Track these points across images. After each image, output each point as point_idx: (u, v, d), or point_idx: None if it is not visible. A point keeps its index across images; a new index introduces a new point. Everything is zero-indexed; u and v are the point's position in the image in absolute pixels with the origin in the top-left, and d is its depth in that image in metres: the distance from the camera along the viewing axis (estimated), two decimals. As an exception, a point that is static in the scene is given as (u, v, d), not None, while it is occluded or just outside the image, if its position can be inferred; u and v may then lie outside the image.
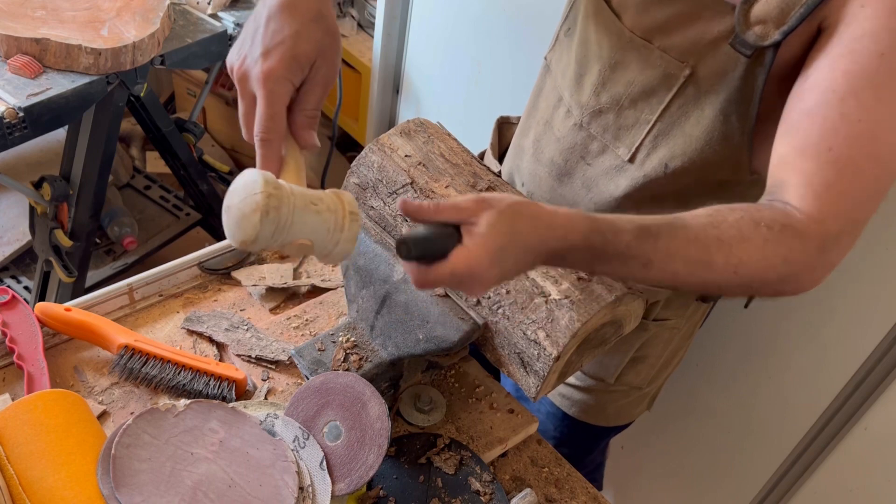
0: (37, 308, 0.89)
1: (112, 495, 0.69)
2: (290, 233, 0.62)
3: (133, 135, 2.39)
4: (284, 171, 0.68)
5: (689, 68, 0.78)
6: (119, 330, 0.90)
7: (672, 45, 0.79)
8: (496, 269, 0.65)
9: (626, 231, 0.68)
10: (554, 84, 0.96)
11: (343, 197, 0.66)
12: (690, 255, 0.69)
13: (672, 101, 0.81)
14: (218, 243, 1.06)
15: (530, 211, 0.67)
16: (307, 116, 0.70)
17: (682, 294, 1.00)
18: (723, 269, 0.69)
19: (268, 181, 0.60)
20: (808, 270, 0.71)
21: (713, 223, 0.70)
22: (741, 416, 1.36)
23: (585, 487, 0.87)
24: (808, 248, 0.70)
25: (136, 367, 0.87)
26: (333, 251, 0.65)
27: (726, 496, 1.45)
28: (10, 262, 2.06)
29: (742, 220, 0.70)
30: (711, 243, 0.69)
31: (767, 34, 0.71)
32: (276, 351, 0.94)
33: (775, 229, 0.69)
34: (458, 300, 0.83)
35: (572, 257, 0.69)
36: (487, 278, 0.65)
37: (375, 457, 0.76)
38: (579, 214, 0.68)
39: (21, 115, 1.36)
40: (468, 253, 0.64)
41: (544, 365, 0.77)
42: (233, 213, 0.60)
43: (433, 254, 0.64)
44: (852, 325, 1.14)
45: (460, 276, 0.64)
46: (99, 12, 1.54)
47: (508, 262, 0.66)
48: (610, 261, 0.69)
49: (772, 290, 0.73)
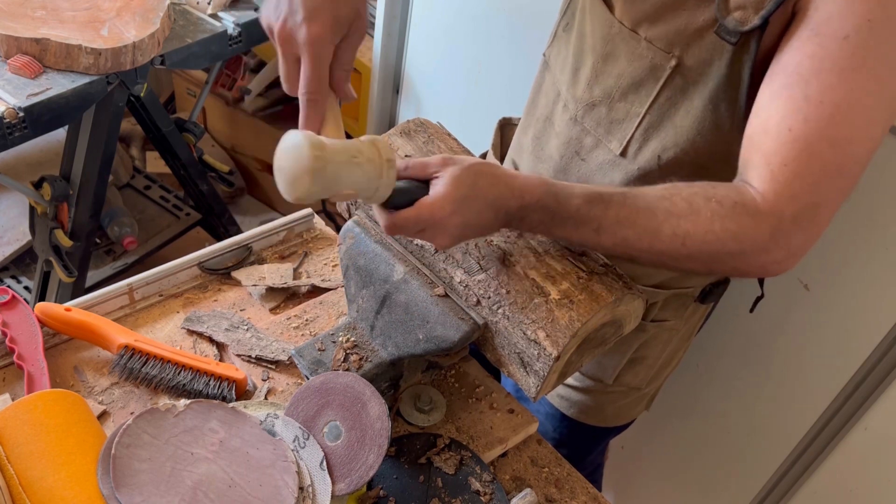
0: (37, 308, 0.89)
1: (112, 495, 0.69)
2: (336, 186, 0.68)
3: (133, 135, 2.39)
4: (325, 125, 0.73)
5: (674, 59, 0.78)
6: (119, 330, 0.90)
7: (658, 36, 0.79)
8: (458, 218, 0.70)
9: (577, 196, 0.73)
10: (553, 80, 0.96)
11: (379, 146, 0.71)
12: (639, 224, 0.72)
13: (660, 92, 0.81)
14: (218, 243, 1.06)
15: (491, 170, 0.73)
16: (345, 71, 0.74)
17: (679, 296, 1.00)
18: (670, 240, 0.72)
19: (314, 144, 0.65)
20: (762, 250, 0.72)
21: (665, 196, 0.73)
22: (741, 416, 1.36)
23: (585, 487, 0.87)
24: (760, 227, 0.71)
25: (136, 367, 0.87)
26: (375, 195, 0.71)
27: (726, 496, 1.45)
28: (10, 262, 2.05)
29: (695, 194, 0.72)
30: (660, 213, 0.72)
31: (747, 19, 0.72)
32: (276, 351, 0.94)
33: (726, 205, 0.71)
34: (458, 300, 0.83)
35: (530, 219, 0.74)
36: (450, 225, 0.71)
37: (375, 457, 0.76)
38: (537, 178, 0.74)
39: (21, 115, 1.36)
40: (432, 201, 0.70)
41: (544, 365, 0.77)
42: (285, 175, 0.67)
43: (402, 203, 0.72)
44: (852, 325, 1.14)
45: (424, 221, 0.71)
46: (99, 12, 1.54)
47: (470, 214, 0.71)
48: (564, 224, 0.73)
49: (728, 266, 0.74)
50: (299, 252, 1.10)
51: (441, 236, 0.72)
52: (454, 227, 0.71)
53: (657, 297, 0.98)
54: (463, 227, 0.72)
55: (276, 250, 1.10)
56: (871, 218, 1.06)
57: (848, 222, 1.09)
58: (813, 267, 1.15)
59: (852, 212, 1.08)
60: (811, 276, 1.16)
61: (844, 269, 1.12)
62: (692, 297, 1.01)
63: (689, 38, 0.77)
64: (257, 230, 1.09)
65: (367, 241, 0.88)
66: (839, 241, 1.11)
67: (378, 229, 0.90)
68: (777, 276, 0.75)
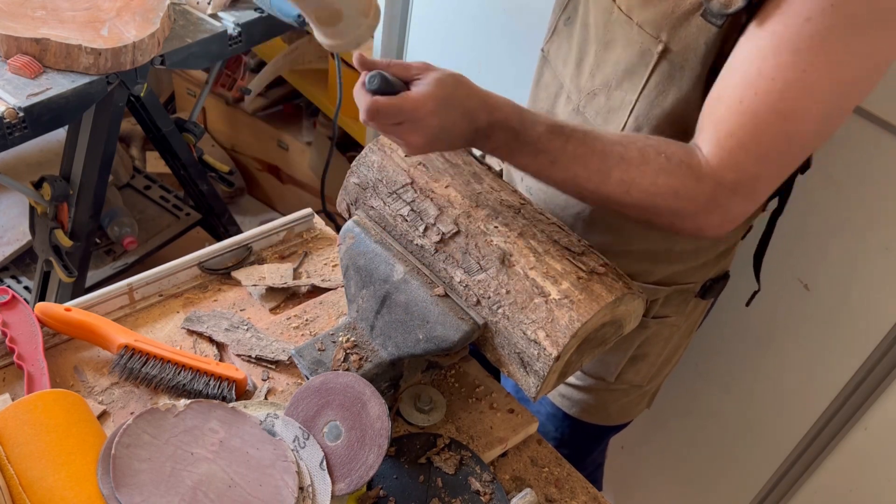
0: (37, 308, 0.89)
1: (112, 495, 0.69)
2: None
3: (133, 135, 2.39)
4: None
5: (661, 44, 0.79)
6: (119, 330, 0.90)
7: (648, 20, 0.80)
8: (436, 119, 0.73)
9: (542, 124, 0.77)
10: (553, 74, 0.96)
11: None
12: (592, 164, 0.76)
13: (649, 78, 0.82)
14: (218, 243, 1.06)
15: (468, 82, 0.77)
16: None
17: (681, 292, 1.00)
18: (617, 185, 0.76)
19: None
20: (701, 212, 0.76)
21: (622, 142, 0.76)
22: (741, 415, 1.36)
23: (585, 487, 0.87)
24: (701, 189, 0.75)
25: (136, 367, 0.87)
26: (356, 32, 0.74)
27: (726, 496, 1.45)
28: (10, 262, 2.05)
29: (649, 146, 0.76)
30: (613, 158, 0.76)
31: (732, 1, 0.73)
32: (276, 351, 0.94)
33: (673, 161, 0.75)
34: (457, 300, 0.83)
35: (496, 137, 0.77)
36: (427, 125, 0.73)
37: (375, 457, 0.76)
38: (508, 101, 0.78)
39: (21, 115, 1.36)
40: (416, 96, 0.73)
41: (544, 365, 0.77)
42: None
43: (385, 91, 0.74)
44: (852, 325, 1.14)
45: (405, 114, 0.73)
46: (99, 12, 1.54)
47: (447, 119, 0.74)
48: (523, 149, 0.77)
49: (665, 221, 0.78)
50: (299, 252, 1.10)
51: (416, 134, 0.74)
52: (430, 128, 0.74)
53: (658, 293, 0.98)
54: (439, 130, 0.74)
55: (276, 250, 1.10)
56: (871, 218, 1.06)
57: (848, 222, 1.09)
58: (813, 267, 1.15)
59: (852, 212, 1.08)
60: (811, 276, 1.16)
61: (844, 269, 1.12)
62: (693, 292, 1.01)
63: (675, 22, 0.77)
64: (257, 230, 1.09)
65: (367, 241, 0.88)
66: (839, 241, 1.11)
67: (378, 229, 0.90)
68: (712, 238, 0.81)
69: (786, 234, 1.14)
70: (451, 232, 0.84)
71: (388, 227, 0.89)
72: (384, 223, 0.90)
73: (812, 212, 1.12)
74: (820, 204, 1.11)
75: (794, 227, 1.14)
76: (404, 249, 0.87)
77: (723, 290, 1.06)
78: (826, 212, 1.11)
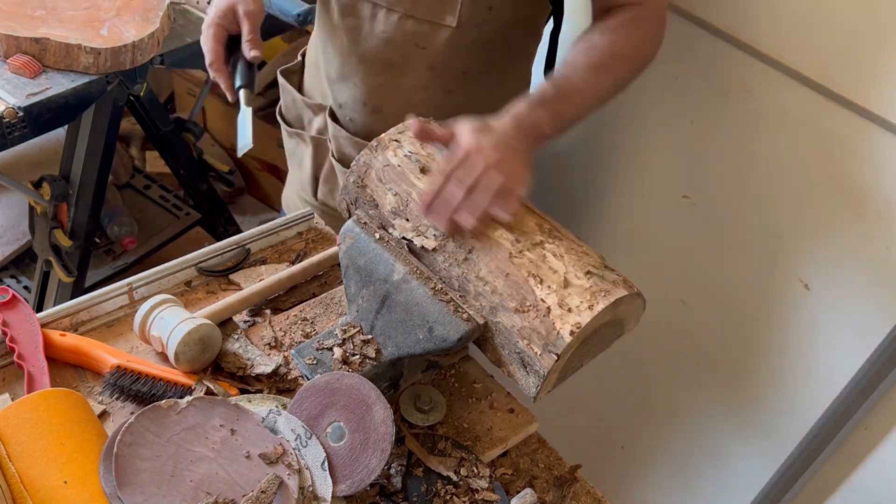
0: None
1: (115, 494, 0.69)
2: None
3: (133, 134, 2.39)
4: None
5: None
6: (111, 352, 0.88)
7: None
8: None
9: (545, 89, 0.92)
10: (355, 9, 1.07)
11: None
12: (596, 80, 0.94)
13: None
14: (216, 243, 1.06)
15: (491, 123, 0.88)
16: None
17: None
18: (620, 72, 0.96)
19: None
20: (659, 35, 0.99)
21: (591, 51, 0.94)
22: (741, 415, 1.36)
23: (586, 488, 0.87)
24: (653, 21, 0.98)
25: (126, 384, 0.85)
26: None
27: (726, 496, 1.45)
28: (10, 262, 2.06)
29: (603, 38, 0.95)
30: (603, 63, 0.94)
31: None
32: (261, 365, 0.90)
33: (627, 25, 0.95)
34: (458, 300, 0.83)
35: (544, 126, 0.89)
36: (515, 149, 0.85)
37: (378, 460, 0.76)
38: (518, 105, 0.89)
39: (21, 114, 1.36)
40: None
41: (545, 365, 0.77)
42: None
43: None
44: (853, 325, 1.14)
45: None
46: (99, 12, 1.54)
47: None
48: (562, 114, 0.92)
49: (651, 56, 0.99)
50: (299, 252, 1.10)
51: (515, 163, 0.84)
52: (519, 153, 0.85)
53: None
54: None
55: (275, 250, 1.10)
56: (871, 218, 1.06)
57: (848, 222, 1.09)
58: (813, 267, 1.15)
59: (852, 212, 1.08)
60: (811, 276, 1.16)
61: (844, 269, 1.12)
62: None
63: None
64: (256, 230, 1.09)
65: (367, 241, 0.88)
66: (839, 241, 1.11)
67: (378, 229, 0.90)
68: None
69: (786, 234, 1.14)
70: (452, 232, 0.84)
71: (388, 227, 0.89)
72: (384, 223, 0.90)
73: (812, 211, 1.12)
74: (820, 204, 1.11)
75: (794, 227, 1.14)
76: (404, 249, 0.87)
77: None
78: (826, 211, 1.11)
